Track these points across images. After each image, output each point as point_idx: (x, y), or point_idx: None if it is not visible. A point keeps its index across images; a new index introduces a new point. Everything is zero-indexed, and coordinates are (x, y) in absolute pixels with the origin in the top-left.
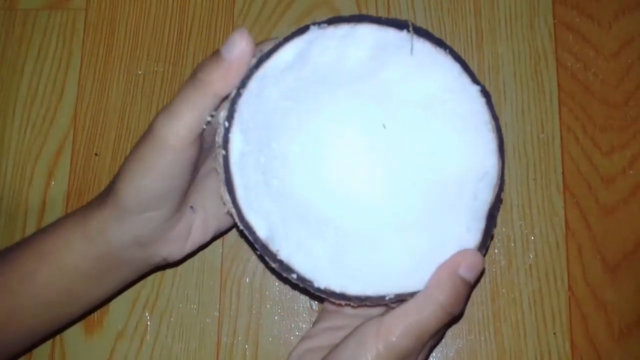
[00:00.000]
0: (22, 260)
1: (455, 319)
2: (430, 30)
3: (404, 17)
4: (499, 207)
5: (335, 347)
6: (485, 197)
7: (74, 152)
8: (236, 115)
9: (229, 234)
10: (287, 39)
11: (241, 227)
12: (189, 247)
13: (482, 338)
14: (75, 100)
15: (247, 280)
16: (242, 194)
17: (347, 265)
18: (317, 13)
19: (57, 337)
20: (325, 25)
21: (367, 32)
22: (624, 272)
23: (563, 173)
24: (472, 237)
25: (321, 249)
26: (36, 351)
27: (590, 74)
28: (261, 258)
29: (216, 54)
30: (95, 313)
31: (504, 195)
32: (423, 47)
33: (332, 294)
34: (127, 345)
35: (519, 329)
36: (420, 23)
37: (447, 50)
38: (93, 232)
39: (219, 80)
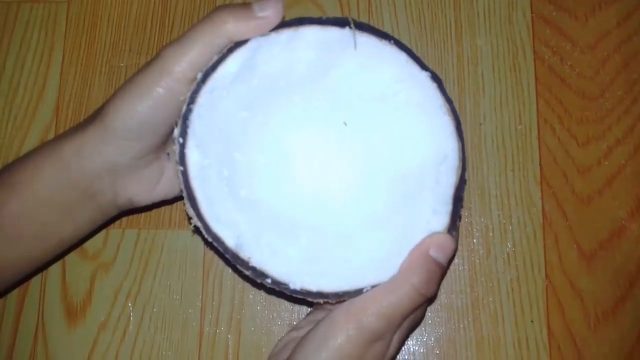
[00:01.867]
0: None
1: (429, 301)
2: (410, 24)
3: (385, 11)
4: (464, 187)
5: (308, 331)
6: (449, 180)
7: None
8: (189, 131)
9: None
10: (231, 49)
11: (210, 239)
12: (155, 195)
13: (461, 326)
14: (57, 93)
15: (230, 270)
16: (206, 207)
17: (322, 264)
18: (298, 8)
19: (40, 328)
20: (267, 32)
21: (311, 34)
22: (600, 260)
23: (540, 164)
24: (440, 221)
25: (295, 251)
26: (18, 342)
27: (566, 67)
28: (234, 268)
29: (247, 4)
30: (78, 304)
31: (468, 175)
32: (368, 41)
33: (309, 293)
34: (109, 336)
35: (497, 317)
36: (401, 17)
37: (392, 42)
38: (67, 156)
39: (236, 24)
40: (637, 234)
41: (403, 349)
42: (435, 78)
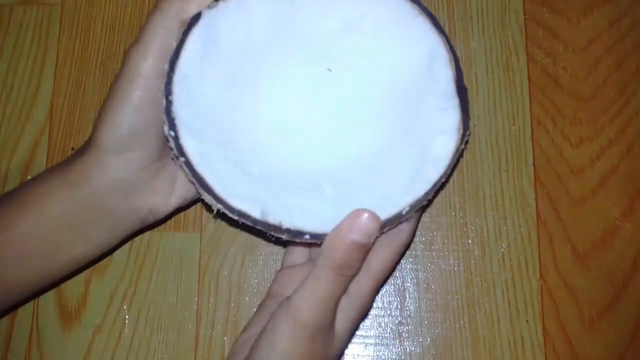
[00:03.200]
0: (2, 209)
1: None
2: None
3: None
4: (463, 77)
5: (257, 335)
6: (445, 75)
7: (50, 147)
8: (177, 122)
9: (208, 227)
10: (186, 32)
11: (236, 217)
12: (174, 201)
13: (457, 326)
14: (51, 95)
15: (226, 272)
16: (220, 189)
17: (354, 204)
18: None
19: (34, 332)
20: (215, 2)
21: None
22: (593, 260)
23: (534, 164)
24: (451, 116)
25: (324, 203)
26: (12, 347)
27: (559, 68)
28: (268, 237)
29: None
30: (73, 307)
31: (462, 67)
32: None
33: None
34: (105, 339)
35: (493, 317)
36: None
37: None
38: (75, 179)
39: (182, 3)
40: (631, 233)
41: (399, 349)
42: None
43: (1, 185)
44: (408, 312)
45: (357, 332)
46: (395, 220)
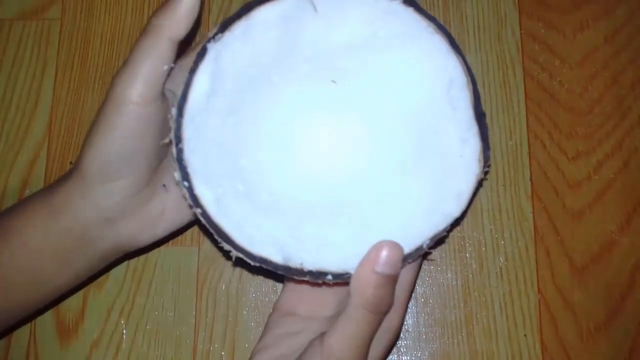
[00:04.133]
0: None
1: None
2: None
3: None
4: (480, 101)
5: None
6: (464, 101)
7: (49, 161)
8: (190, 171)
9: (205, 241)
10: (192, 70)
11: (257, 264)
12: (162, 230)
13: (455, 341)
14: (50, 109)
15: (223, 287)
16: (239, 236)
17: (371, 237)
18: None
19: (32, 347)
20: (220, 34)
21: (265, 15)
22: (591, 274)
23: (531, 179)
24: (472, 147)
25: (340, 233)
26: None
27: (555, 83)
28: (288, 278)
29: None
30: (70, 322)
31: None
32: None
33: None
34: (102, 354)
35: (491, 331)
36: None
37: None
38: (58, 207)
39: (170, 23)
40: (628, 247)
41: None
42: (407, 2)
43: (0, 200)
44: (406, 327)
45: None
46: (417, 254)
